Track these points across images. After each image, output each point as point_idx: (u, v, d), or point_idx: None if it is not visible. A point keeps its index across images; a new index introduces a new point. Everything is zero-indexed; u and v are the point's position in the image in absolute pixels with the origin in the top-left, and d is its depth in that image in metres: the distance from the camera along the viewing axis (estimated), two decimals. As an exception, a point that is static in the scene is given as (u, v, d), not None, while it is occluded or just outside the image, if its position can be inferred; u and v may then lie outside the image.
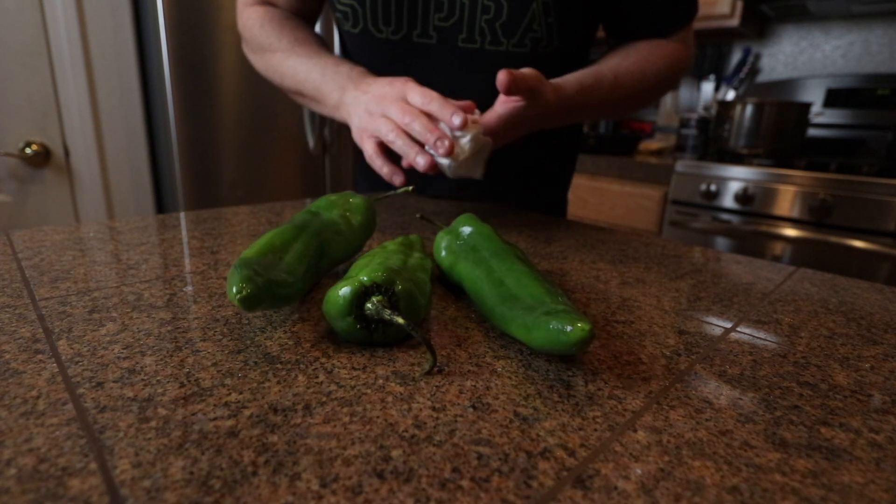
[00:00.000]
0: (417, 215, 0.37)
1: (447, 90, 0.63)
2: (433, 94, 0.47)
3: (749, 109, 1.54)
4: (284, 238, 0.31)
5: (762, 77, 1.90)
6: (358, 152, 0.81)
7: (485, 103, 0.63)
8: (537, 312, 0.25)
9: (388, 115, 0.49)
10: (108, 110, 1.27)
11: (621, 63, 0.60)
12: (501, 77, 0.45)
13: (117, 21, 1.24)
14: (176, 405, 0.21)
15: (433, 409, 0.21)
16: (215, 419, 0.20)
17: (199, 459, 0.18)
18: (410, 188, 0.42)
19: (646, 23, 0.62)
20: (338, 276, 0.37)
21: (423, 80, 0.63)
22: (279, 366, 0.24)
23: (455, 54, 0.60)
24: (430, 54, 0.61)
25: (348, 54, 0.68)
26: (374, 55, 0.63)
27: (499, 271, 0.30)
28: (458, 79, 0.62)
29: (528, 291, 0.27)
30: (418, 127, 0.47)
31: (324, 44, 0.65)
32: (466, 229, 0.35)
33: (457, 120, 0.46)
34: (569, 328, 0.23)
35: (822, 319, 0.34)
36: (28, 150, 1.17)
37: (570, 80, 0.55)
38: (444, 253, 0.35)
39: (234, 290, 0.25)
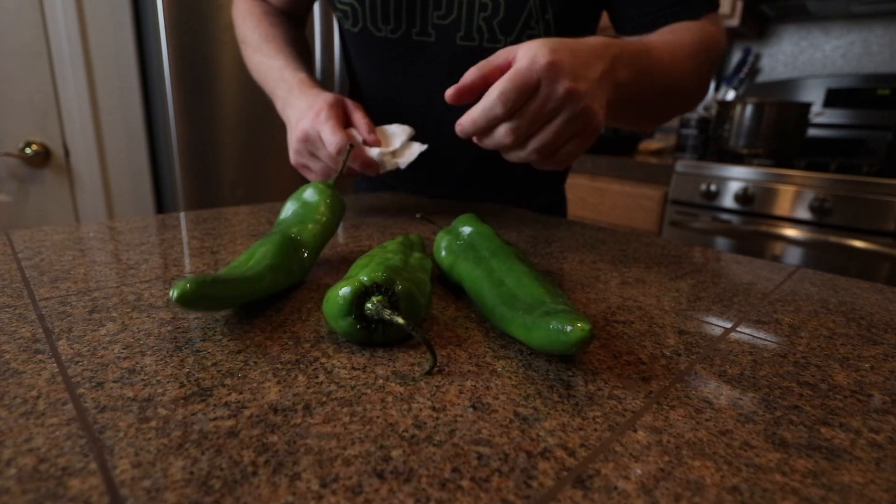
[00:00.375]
0: (417, 215, 0.37)
1: (445, 89, 0.63)
2: (340, 141, 0.48)
3: (749, 109, 1.54)
4: (249, 252, 0.32)
5: (762, 77, 1.90)
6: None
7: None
8: (537, 312, 0.25)
9: (319, 156, 0.52)
10: (108, 110, 1.27)
11: (651, 38, 0.53)
12: (449, 95, 0.42)
13: (117, 21, 1.24)
14: (176, 405, 0.21)
15: (433, 409, 0.21)
16: (215, 419, 0.20)
17: (199, 459, 0.18)
18: (350, 146, 0.44)
19: (665, 11, 0.56)
20: (331, 269, 0.37)
21: (422, 80, 0.63)
22: (279, 366, 0.24)
23: (453, 53, 0.60)
24: (429, 53, 0.61)
25: (349, 54, 0.68)
26: (373, 54, 0.63)
27: (499, 271, 0.30)
28: (457, 77, 0.62)
29: (528, 291, 0.27)
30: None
31: (296, 42, 0.66)
32: (466, 229, 0.35)
33: (371, 173, 0.51)
34: (569, 328, 0.23)
35: (822, 319, 0.34)
36: (28, 150, 1.17)
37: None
38: (444, 253, 0.35)
39: (171, 292, 0.24)
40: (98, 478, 0.17)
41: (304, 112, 0.52)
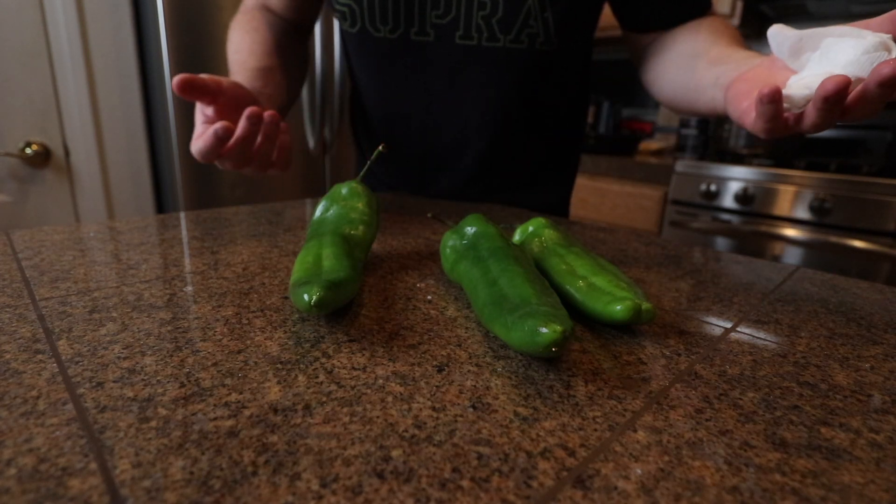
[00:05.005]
0: (429, 214, 0.37)
1: (445, 89, 0.63)
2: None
3: (749, 109, 1.53)
4: (312, 254, 0.33)
5: (762, 77, 1.90)
6: (359, 152, 0.81)
7: (482, 101, 0.63)
8: (518, 312, 0.25)
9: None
10: (108, 110, 1.27)
11: (717, 44, 0.52)
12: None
13: (117, 21, 1.24)
14: (176, 405, 0.21)
15: (433, 409, 0.21)
16: (215, 419, 0.20)
17: (199, 459, 0.18)
18: (381, 147, 0.40)
19: (678, 9, 0.58)
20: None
21: (422, 80, 0.63)
22: (279, 366, 0.24)
23: (453, 52, 0.60)
24: (428, 53, 0.61)
25: (349, 54, 0.68)
26: (372, 55, 0.63)
27: (494, 271, 0.30)
28: (456, 77, 0.62)
29: (518, 292, 0.27)
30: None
31: (274, 53, 0.60)
32: (470, 229, 0.35)
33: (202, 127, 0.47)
34: (543, 329, 0.23)
35: (822, 319, 0.34)
36: (28, 150, 1.17)
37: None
38: (448, 251, 0.35)
39: (306, 297, 0.27)
40: (98, 478, 0.17)
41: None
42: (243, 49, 0.59)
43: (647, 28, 0.61)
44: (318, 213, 0.39)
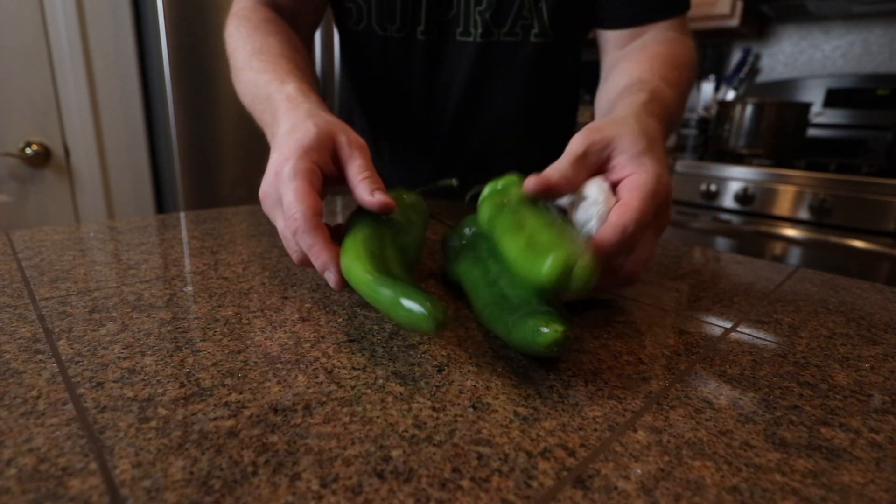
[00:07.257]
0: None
1: (445, 86, 0.63)
2: (299, 215, 0.31)
3: (749, 109, 1.54)
4: (376, 245, 0.29)
5: (762, 77, 1.90)
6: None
7: (481, 98, 0.63)
8: (520, 313, 0.25)
9: (276, 215, 0.35)
10: (108, 110, 1.27)
11: (657, 79, 0.47)
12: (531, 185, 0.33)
13: (117, 21, 1.24)
14: (176, 405, 0.21)
15: (433, 409, 0.21)
16: (215, 419, 0.20)
17: (199, 459, 0.18)
18: (453, 181, 0.36)
19: (650, 7, 0.56)
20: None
21: (423, 77, 0.63)
22: (279, 366, 0.24)
23: (453, 49, 0.61)
24: (430, 50, 0.61)
25: (348, 53, 0.68)
26: (374, 53, 0.63)
27: (494, 272, 0.30)
28: (456, 74, 0.62)
29: (518, 292, 0.27)
30: (295, 259, 0.34)
31: (295, 54, 0.52)
32: (470, 229, 0.35)
33: (330, 279, 0.31)
34: (544, 329, 0.23)
35: (822, 319, 0.34)
36: (28, 150, 1.17)
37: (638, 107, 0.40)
38: (448, 252, 0.35)
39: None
40: (98, 478, 0.17)
41: (276, 161, 0.34)
42: (273, 52, 0.51)
43: (622, 27, 0.58)
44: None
